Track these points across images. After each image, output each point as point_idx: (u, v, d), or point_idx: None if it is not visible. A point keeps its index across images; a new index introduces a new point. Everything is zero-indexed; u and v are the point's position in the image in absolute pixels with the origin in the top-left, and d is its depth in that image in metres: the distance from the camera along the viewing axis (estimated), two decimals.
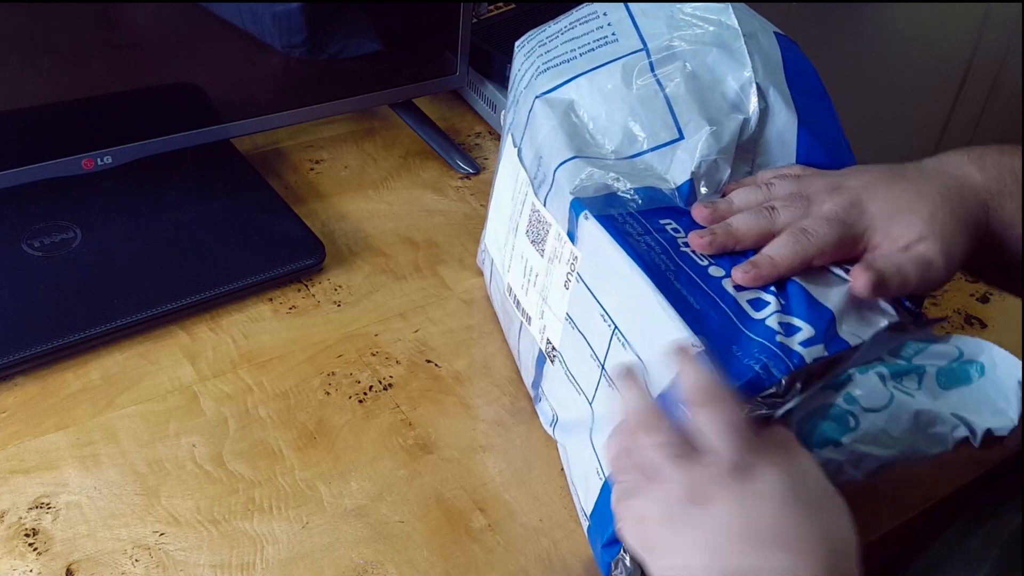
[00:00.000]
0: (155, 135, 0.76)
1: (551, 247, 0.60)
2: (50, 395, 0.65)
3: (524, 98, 0.66)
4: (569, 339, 0.59)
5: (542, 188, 0.60)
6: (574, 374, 0.59)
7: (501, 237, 0.68)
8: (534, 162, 0.62)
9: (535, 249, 0.62)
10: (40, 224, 0.75)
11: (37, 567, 0.55)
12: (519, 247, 0.64)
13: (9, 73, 0.69)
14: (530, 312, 0.63)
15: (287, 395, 0.67)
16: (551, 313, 0.60)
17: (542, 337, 0.62)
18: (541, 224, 0.61)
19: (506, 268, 0.67)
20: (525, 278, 0.63)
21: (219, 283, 0.72)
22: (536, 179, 0.61)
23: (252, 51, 0.79)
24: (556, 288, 0.59)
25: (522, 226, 0.64)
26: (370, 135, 0.93)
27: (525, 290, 0.64)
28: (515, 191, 0.65)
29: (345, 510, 0.60)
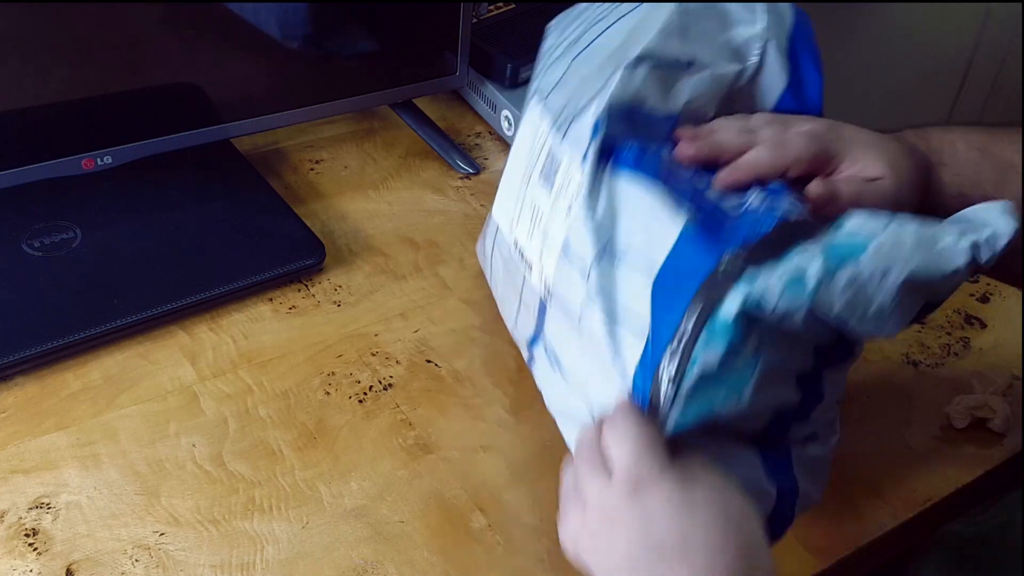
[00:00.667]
0: (155, 135, 0.76)
1: (560, 179, 0.59)
2: (50, 395, 0.65)
3: (561, 60, 0.66)
4: (563, 272, 0.58)
5: (565, 124, 0.61)
6: (570, 307, 0.58)
7: (512, 202, 0.67)
8: (562, 103, 0.62)
9: (544, 188, 0.61)
10: (40, 224, 0.75)
11: (37, 567, 0.55)
12: (529, 196, 0.63)
13: (9, 73, 0.69)
14: (531, 258, 0.62)
15: (287, 395, 0.67)
16: (549, 250, 0.60)
17: (540, 280, 0.61)
18: (553, 161, 0.60)
19: (514, 223, 0.66)
20: (531, 223, 0.62)
21: (219, 283, 0.72)
22: (561, 117, 0.61)
23: (252, 51, 0.79)
24: (558, 219, 0.59)
25: (535, 173, 0.63)
26: (370, 135, 0.93)
27: (530, 234, 0.63)
28: (532, 146, 0.64)
29: (345, 510, 0.60)
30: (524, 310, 0.64)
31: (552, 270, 0.59)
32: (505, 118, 0.92)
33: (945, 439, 0.68)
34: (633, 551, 0.45)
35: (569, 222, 0.57)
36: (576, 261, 0.56)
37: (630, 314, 0.51)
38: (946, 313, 0.78)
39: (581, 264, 0.55)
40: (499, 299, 0.70)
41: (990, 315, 0.79)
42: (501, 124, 0.93)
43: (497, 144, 0.94)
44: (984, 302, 0.80)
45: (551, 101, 0.63)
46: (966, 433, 0.68)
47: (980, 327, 0.78)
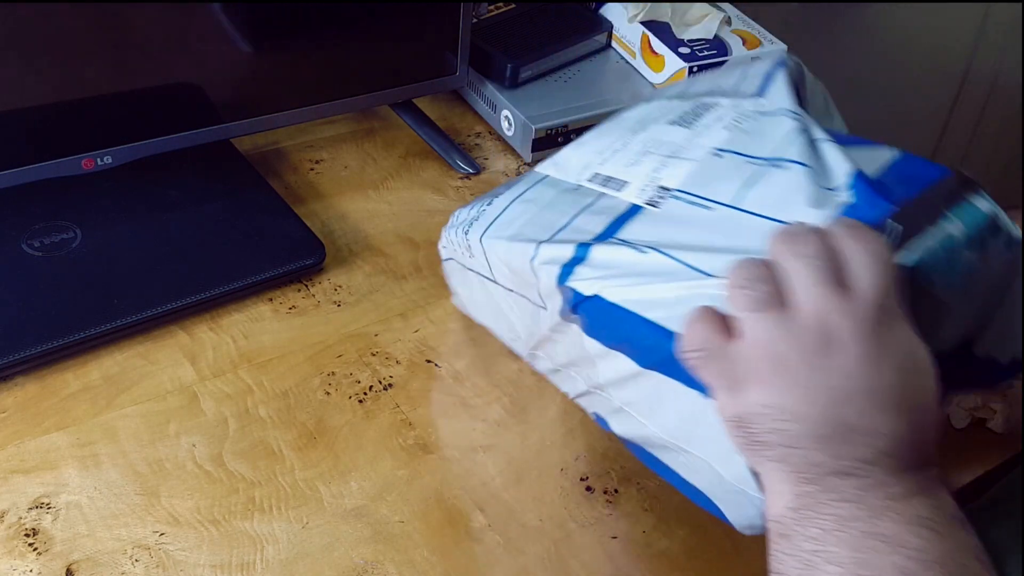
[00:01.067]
0: (155, 135, 0.76)
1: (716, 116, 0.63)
2: (50, 395, 0.65)
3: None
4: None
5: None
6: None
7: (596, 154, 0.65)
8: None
9: (678, 128, 0.63)
10: (40, 224, 0.75)
11: (37, 567, 0.55)
12: (642, 141, 0.63)
13: (9, 73, 0.69)
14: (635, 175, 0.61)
15: (287, 395, 0.67)
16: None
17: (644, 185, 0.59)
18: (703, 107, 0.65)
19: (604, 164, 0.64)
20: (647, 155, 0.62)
21: (219, 283, 0.72)
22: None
23: (252, 51, 0.79)
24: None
25: (660, 121, 0.65)
26: (370, 135, 0.93)
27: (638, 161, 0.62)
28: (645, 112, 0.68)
29: (345, 510, 0.60)
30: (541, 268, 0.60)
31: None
32: (505, 118, 0.92)
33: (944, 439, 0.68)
34: (842, 388, 0.41)
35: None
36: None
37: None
38: None
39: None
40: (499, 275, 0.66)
41: None
42: (501, 124, 0.93)
43: (497, 144, 0.94)
44: None
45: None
46: (966, 433, 0.68)
47: None
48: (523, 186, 0.66)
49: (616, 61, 1.00)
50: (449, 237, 0.69)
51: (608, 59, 1.00)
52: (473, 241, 0.64)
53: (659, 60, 0.93)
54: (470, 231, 0.65)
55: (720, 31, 0.94)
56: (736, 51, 0.92)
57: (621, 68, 0.99)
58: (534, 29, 0.98)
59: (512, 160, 0.92)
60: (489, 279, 0.65)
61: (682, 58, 0.91)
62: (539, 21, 0.99)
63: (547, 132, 0.89)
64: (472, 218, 0.66)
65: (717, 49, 0.92)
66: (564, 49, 0.96)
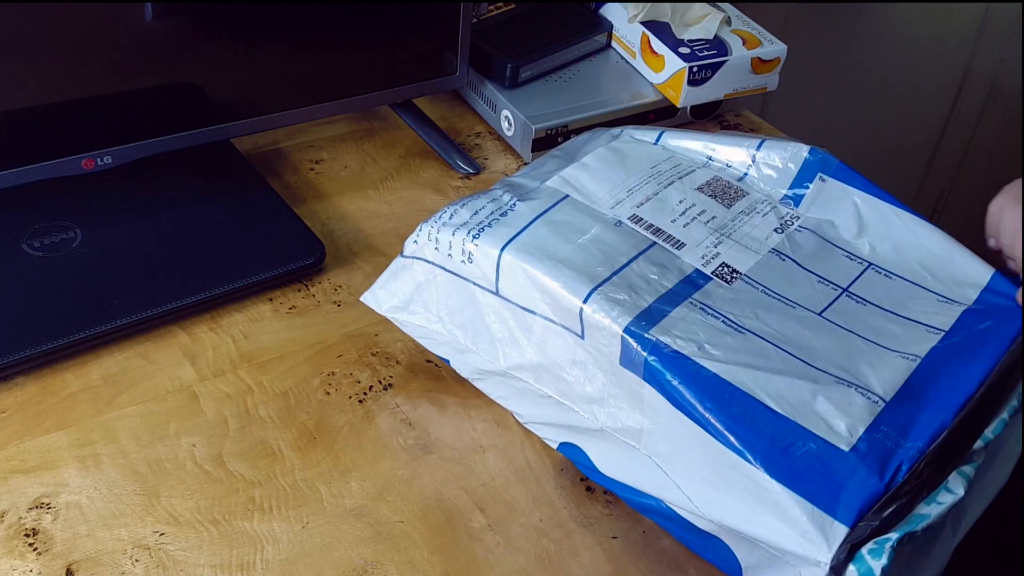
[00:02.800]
0: (155, 135, 0.76)
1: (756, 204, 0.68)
2: (50, 395, 0.65)
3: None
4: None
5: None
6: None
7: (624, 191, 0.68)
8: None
9: (716, 202, 0.67)
10: (40, 224, 0.75)
11: (37, 567, 0.55)
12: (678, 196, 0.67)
13: (9, 73, 0.69)
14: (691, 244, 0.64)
15: (287, 395, 0.67)
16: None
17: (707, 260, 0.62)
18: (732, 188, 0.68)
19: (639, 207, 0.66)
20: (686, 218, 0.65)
21: (219, 283, 0.72)
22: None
23: (252, 51, 0.79)
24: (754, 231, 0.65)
25: (682, 180, 0.68)
26: (370, 135, 0.93)
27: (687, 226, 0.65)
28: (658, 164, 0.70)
29: (345, 510, 0.60)
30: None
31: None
32: (505, 118, 0.92)
33: None
34: None
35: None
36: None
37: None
38: None
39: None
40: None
41: None
42: (501, 124, 0.93)
43: (497, 144, 0.94)
44: None
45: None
46: None
47: None
48: (542, 202, 0.64)
49: (616, 61, 1.00)
50: (432, 235, 0.64)
51: (608, 59, 1.00)
52: (481, 249, 0.61)
53: (659, 60, 0.93)
54: (480, 237, 0.62)
55: (720, 31, 0.94)
56: (736, 51, 0.92)
57: (621, 68, 0.99)
58: (534, 29, 0.98)
59: (512, 160, 0.92)
60: (488, 290, 0.62)
61: (682, 58, 0.91)
62: (539, 21, 0.99)
63: (547, 132, 0.89)
64: (479, 224, 0.63)
65: (717, 49, 0.92)
66: (564, 49, 0.96)
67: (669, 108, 0.95)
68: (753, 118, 1.01)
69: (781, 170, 0.69)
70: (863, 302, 0.61)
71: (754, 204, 0.67)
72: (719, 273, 0.61)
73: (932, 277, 0.64)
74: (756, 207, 0.66)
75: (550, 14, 1.00)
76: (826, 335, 0.58)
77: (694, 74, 0.91)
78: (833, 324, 0.59)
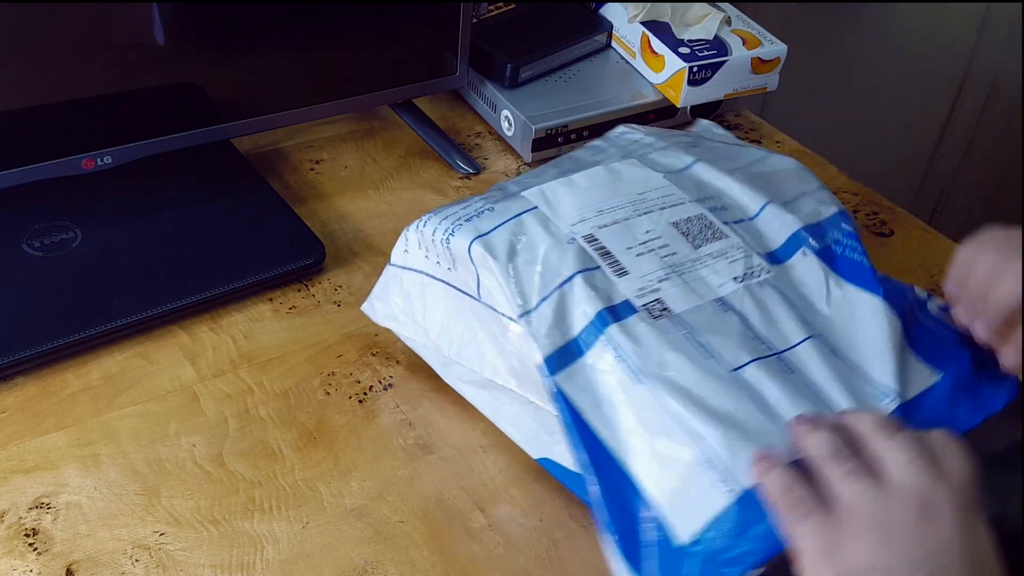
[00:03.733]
0: (155, 135, 0.76)
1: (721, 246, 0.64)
2: (50, 395, 0.65)
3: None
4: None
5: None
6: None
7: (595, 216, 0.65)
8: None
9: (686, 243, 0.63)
10: (40, 224, 0.75)
11: (37, 567, 0.55)
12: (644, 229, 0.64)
13: (9, 73, 0.69)
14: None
15: (287, 395, 0.67)
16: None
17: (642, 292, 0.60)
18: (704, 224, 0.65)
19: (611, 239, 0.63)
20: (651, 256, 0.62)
21: (219, 283, 0.72)
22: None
23: (252, 51, 0.79)
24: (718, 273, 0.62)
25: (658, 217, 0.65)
26: (370, 135, 0.93)
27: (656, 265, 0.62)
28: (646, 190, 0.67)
29: (345, 510, 0.60)
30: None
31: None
32: (505, 118, 0.92)
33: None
34: (942, 557, 0.43)
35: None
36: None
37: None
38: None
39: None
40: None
41: None
42: (501, 124, 0.93)
43: (497, 144, 0.94)
44: None
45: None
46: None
47: None
48: (511, 209, 0.63)
49: (616, 61, 1.00)
50: (420, 242, 0.65)
51: (608, 59, 1.00)
52: (455, 246, 0.61)
53: (659, 60, 0.93)
54: (454, 235, 0.62)
55: (720, 31, 0.94)
56: (736, 51, 0.92)
57: (621, 68, 0.99)
58: (534, 29, 0.98)
59: (512, 160, 0.92)
60: (472, 296, 0.62)
61: (682, 58, 0.91)
62: (539, 21, 0.99)
63: (547, 132, 0.89)
64: (453, 224, 0.63)
65: (717, 49, 0.92)
66: (564, 49, 0.96)
67: (669, 108, 0.95)
68: (753, 118, 1.01)
69: (776, 230, 0.65)
70: (790, 370, 0.57)
71: (727, 249, 0.62)
72: (649, 307, 0.58)
73: (873, 372, 0.59)
74: (728, 252, 0.62)
75: (550, 14, 1.00)
76: (726, 393, 0.54)
77: (694, 74, 0.91)
78: (741, 384, 0.55)
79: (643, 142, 0.73)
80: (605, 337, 0.57)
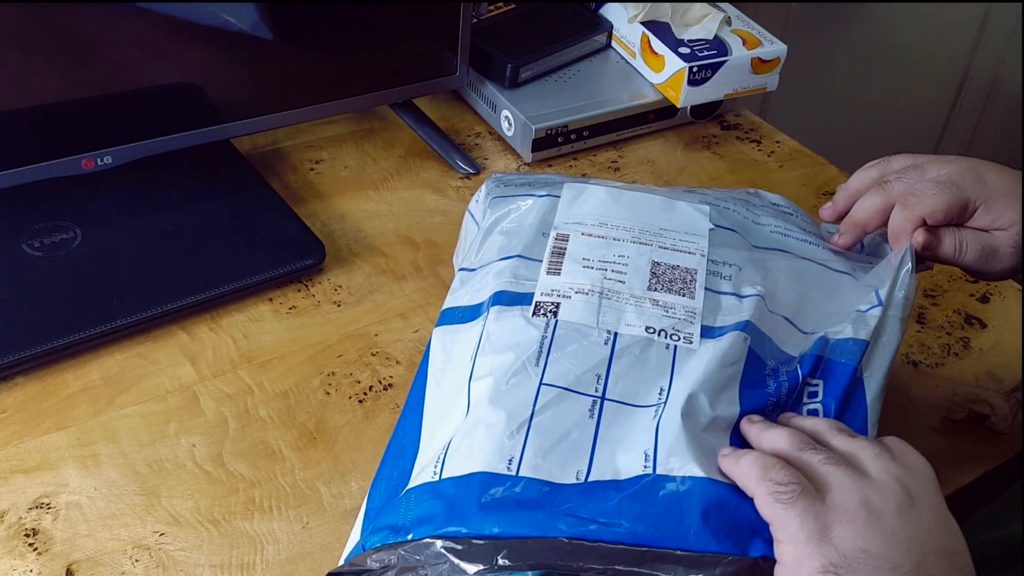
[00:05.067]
0: (155, 135, 0.76)
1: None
2: (50, 395, 0.65)
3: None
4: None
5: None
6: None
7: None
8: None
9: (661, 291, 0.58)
10: (40, 224, 0.75)
11: (37, 567, 0.55)
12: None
13: (9, 73, 0.69)
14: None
15: (287, 395, 0.67)
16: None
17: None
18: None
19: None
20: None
21: (219, 283, 0.72)
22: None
23: (252, 51, 0.79)
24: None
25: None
26: (370, 135, 0.93)
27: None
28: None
29: (345, 510, 0.60)
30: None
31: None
32: (505, 118, 0.92)
33: (945, 439, 0.68)
34: (932, 542, 0.44)
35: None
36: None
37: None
38: (946, 313, 0.78)
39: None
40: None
41: (990, 315, 0.79)
42: (501, 124, 0.93)
43: (497, 144, 0.94)
44: (984, 302, 0.80)
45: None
46: (965, 433, 0.68)
47: (980, 327, 0.78)
48: (544, 189, 0.65)
49: (616, 61, 1.00)
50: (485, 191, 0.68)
51: (608, 59, 1.00)
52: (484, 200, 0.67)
53: (659, 60, 0.93)
54: (486, 192, 0.67)
55: (720, 31, 0.94)
56: (736, 51, 0.92)
57: (621, 68, 0.99)
58: (534, 29, 0.98)
59: (512, 160, 0.92)
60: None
61: (682, 58, 0.91)
62: (539, 21, 0.99)
63: (547, 132, 0.89)
64: (500, 187, 0.67)
65: (717, 49, 0.92)
66: (564, 49, 0.97)
67: (669, 108, 0.95)
68: (753, 118, 1.01)
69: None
70: (599, 418, 0.51)
71: (675, 306, 0.56)
72: (541, 304, 0.56)
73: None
74: (672, 308, 0.56)
75: (550, 14, 1.00)
76: (522, 395, 0.52)
77: (694, 74, 0.91)
78: (542, 396, 0.52)
79: (793, 219, 0.67)
80: (482, 317, 0.57)
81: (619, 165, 0.93)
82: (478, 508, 0.47)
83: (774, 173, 0.94)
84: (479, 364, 0.54)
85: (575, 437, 0.50)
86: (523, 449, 0.49)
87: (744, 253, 0.61)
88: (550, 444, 0.49)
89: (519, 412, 0.50)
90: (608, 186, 0.65)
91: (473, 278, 0.60)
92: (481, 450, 0.49)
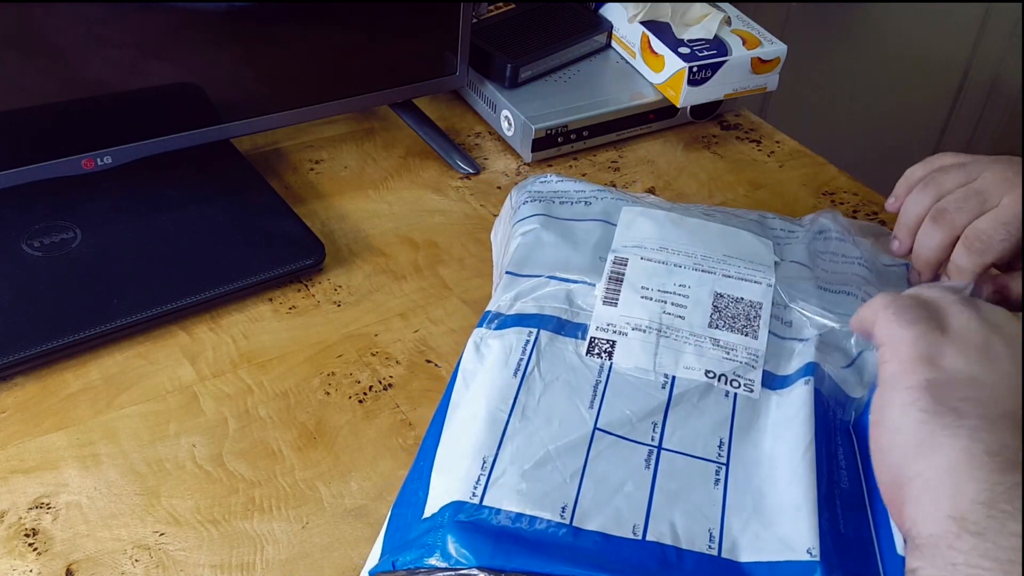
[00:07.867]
0: (155, 135, 0.76)
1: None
2: (50, 395, 0.65)
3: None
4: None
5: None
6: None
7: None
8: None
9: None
10: (40, 224, 0.75)
11: (37, 567, 0.55)
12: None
13: (9, 73, 0.69)
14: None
15: (287, 395, 0.67)
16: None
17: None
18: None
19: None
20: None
21: (219, 283, 0.72)
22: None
23: (252, 51, 0.79)
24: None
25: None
26: (370, 135, 0.93)
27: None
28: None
29: (345, 510, 0.60)
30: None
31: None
32: (505, 118, 0.92)
33: None
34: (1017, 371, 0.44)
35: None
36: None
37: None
38: None
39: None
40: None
41: None
42: (501, 124, 0.93)
43: (497, 144, 0.94)
44: None
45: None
46: None
47: None
48: (600, 213, 0.65)
49: (616, 61, 1.00)
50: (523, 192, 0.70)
51: (608, 59, 1.00)
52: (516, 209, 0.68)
53: (659, 60, 0.93)
54: (524, 205, 0.68)
55: (720, 31, 0.94)
56: (736, 51, 0.92)
57: (621, 68, 0.99)
58: (534, 29, 0.98)
59: (512, 160, 0.92)
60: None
61: (682, 58, 0.91)
62: (539, 21, 0.99)
63: (547, 132, 0.89)
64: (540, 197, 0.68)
65: (717, 49, 0.92)
66: (564, 49, 0.97)
67: (669, 108, 0.95)
68: (753, 118, 1.01)
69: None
70: (655, 467, 0.50)
71: (736, 346, 0.55)
72: (596, 342, 0.55)
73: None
74: (734, 349, 0.54)
75: (550, 14, 1.00)
76: (567, 445, 0.50)
77: (694, 74, 0.91)
78: (594, 444, 0.50)
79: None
80: (528, 333, 0.56)
81: (619, 165, 0.93)
82: (528, 550, 0.45)
83: (774, 173, 0.94)
84: (526, 396, 0.52)
85: (630, 489, 0.48)
86: (577, 497, 0.48)
87: (811, 288, 0.59)
88: (606, 496, 0.48)
89: (572, 459, 0.49)
90: (660, 209, 0.65)
91: (519, 285, 0.59)
92: (532, 490, 0.48)
